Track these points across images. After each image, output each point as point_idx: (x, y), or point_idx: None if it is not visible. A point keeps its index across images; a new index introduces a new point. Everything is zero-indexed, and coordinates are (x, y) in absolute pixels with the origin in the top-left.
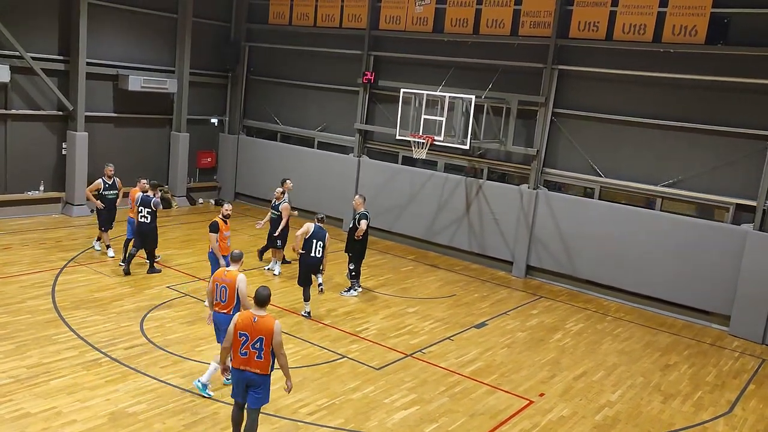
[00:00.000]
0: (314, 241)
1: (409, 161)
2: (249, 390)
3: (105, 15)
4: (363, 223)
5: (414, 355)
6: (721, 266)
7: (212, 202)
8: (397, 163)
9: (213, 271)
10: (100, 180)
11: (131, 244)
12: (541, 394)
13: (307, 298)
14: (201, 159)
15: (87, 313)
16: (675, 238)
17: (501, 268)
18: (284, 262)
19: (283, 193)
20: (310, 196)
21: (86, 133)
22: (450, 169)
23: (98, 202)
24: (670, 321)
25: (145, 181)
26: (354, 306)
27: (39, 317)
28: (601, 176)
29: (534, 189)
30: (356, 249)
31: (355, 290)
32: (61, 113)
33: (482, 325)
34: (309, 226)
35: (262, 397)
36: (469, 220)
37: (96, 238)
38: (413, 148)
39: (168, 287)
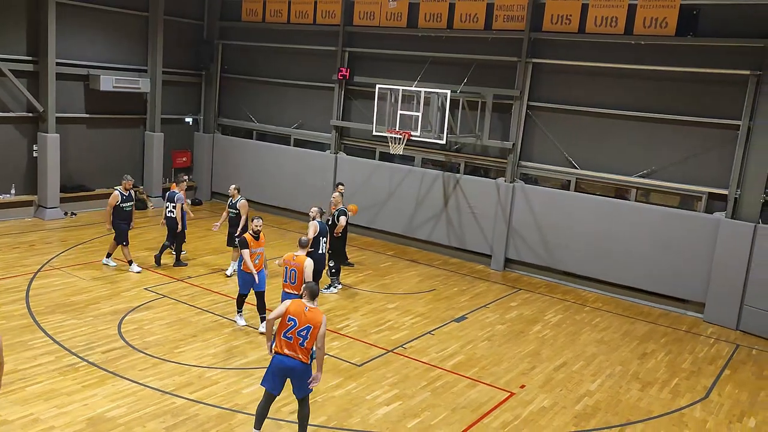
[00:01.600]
0: (320, 238)
1: (386, 157)
2: (292, 380)
3: (74, 14)
4: (342, 220)
5: (395, 351)
6: (695, 254)
7: (188, 201)
8: (374, 159)
9: (241, 287)
10: (117, 192)
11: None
12: (522, 386)
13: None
14: (176, 159)
15: (63, 317)
16: (650, 227)
17: (480, 261)
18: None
19: (238, 190)
20: (287, 193)
21: (57, 135)
22: (427, 164)
23: (110, 225)
24: (646, 310)
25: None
26: (334, 303)
27: (13, 323)
28: (576, 168)
29: (511, 182)
30: (336, 246)
31: (335, 287)
32: (31, 115)
33: (462, 318)
34: (316, 225)
35: (303, 387)
36: (448, 215)
37: (107, 254)
38: (390, 144)
39: (146, 289)
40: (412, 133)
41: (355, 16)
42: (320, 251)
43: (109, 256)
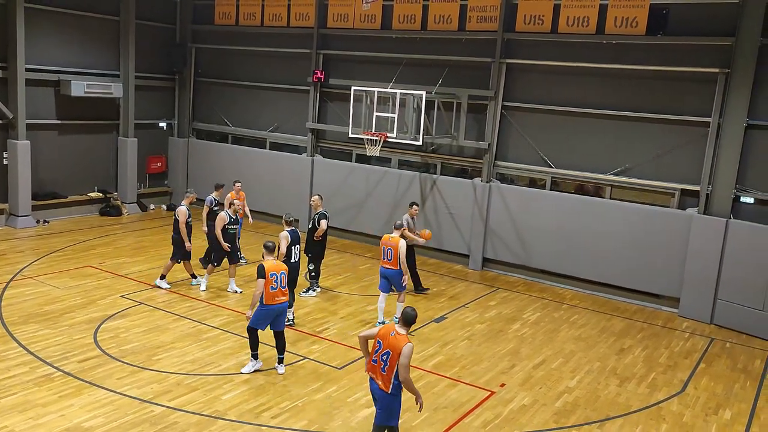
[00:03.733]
0: (292, 247)
1: (363, 159)
2: (375, 404)
3: (43, 19)
4: (323, 223)
5: None
6: (669, 250)
7: (164, 207)
8: (351, 161)
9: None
10: (183, 208)
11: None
12: (502, 385)
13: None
14: (151, 164)
15: (37, 327)
16: (625, 224)
17: (458, 261)
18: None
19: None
20: (264, 197)
21: (28, 142)
22: (404, 165)
23: (188, 243)
24: (623, 306)
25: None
26: (313, 306)
27: None
28: (551, 167)
29: (487, 182)
30: (315, 249)
31: (314, 291)
32: (0, 121)
33: (441, 318)
34: (286, 235)
35: (382, 415)
36: (425, 215)
37: (191, 275)
38: (366, 146)
39: (122, 296)
40: (389, 135)
41: (329, 19)
42: (293, 260)
43: (195, 277)
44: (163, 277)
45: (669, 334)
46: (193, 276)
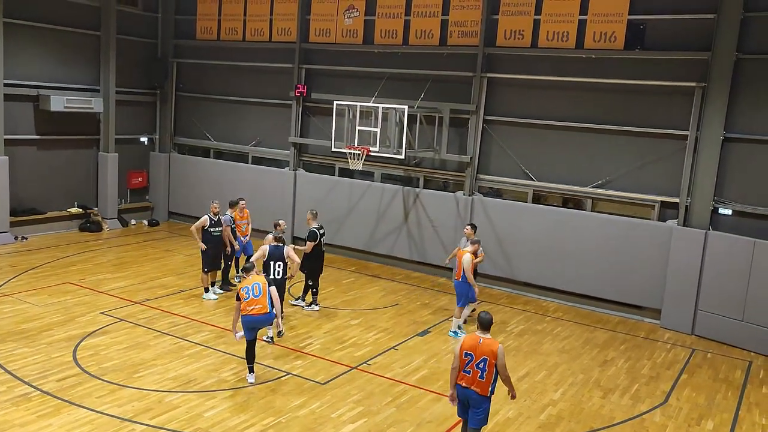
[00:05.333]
0: (271, 262)
1: (346, 173)
2: (468, 410)
3: (22, 34)
4: (308, 245)
5: (359, 368)
6: (651, 262)
7: (145, 222)
8: (333, 175)
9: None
10: (206, 217)
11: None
12: None
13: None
14: (132, 179)
15: (14, 345)
16: (606, 237)
17: (441, 274)
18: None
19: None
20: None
21: (6, 158)
22: (387, 179)
23: (202, 244)
24: (606, 317)
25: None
26: (297, 321)
27: None
28: (533, 180)
29: (469, 195)
30: (309, 265)
31: (313, 306)
32: None
33: (426, 332)
34: (264, 249)
35: (481, 418)
36: (408, 229)
37: (204, 288)
38: (349, 160)
39: (102, 313)
40: (371, 149)
41: (311, 34)
42: (271, 276)
43: (207, 290)
44: (207, 290)
45: (651, 346)
46: (207, 288)
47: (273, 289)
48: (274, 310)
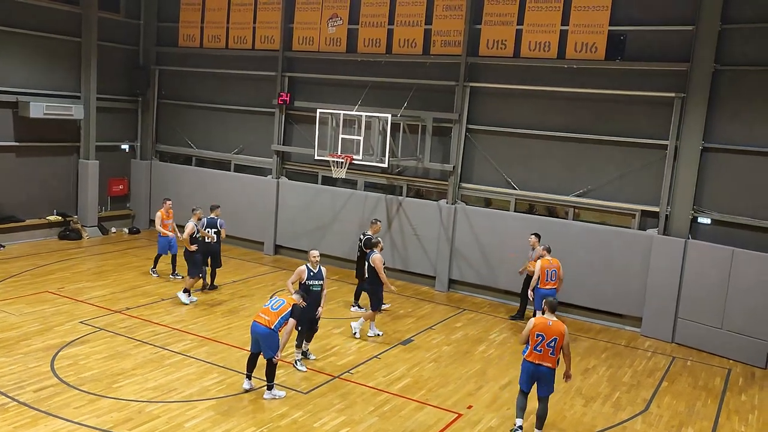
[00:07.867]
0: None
1: (328, 181)
2: (538, 383)
3: (2, 39)
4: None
5: (341, 377)
6: (631, 270)
7: (125, 230)
8: (316, 183)
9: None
10: (191, 223)
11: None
12: (470, 407)
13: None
14: (112, 186)
15: None
16: (587, 245)
17: (424, 283)
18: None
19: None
20: (229, 220)
21: None
22: (370, 187)
23: (192, 246)
24: (587, 325)
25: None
26: None
27: None
28: (515, 189)
29: (452, 204)
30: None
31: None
32: None
33: (408, 341)
34: (300, 271)
35: (549, 387)
36: (391, 237)
37: (183, 290)
38: (332, 168)
39: (81, 322)
40: (354, 157)
41: (295, 41)
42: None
43: (187, 292)
44: (187, 292)
45: (632, 354)
46: (186, 291)
47: (291, 321)
48: (278, 336)
